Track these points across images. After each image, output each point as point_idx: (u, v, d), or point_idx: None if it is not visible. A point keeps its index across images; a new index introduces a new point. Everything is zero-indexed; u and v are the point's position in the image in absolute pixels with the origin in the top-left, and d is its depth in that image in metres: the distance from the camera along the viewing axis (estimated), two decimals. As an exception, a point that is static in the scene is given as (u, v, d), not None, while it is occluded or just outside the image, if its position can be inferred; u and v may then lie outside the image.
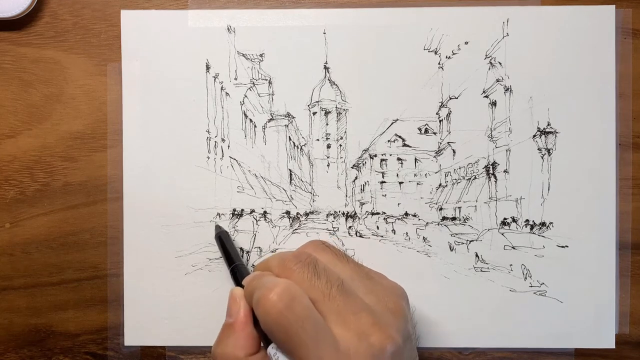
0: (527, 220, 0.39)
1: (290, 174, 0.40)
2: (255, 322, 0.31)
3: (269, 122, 0.40)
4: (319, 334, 0.27)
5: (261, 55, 0.40)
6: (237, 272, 0.36)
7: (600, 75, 0.39)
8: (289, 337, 0.27)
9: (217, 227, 0.39)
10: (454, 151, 0.40)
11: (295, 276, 0.30)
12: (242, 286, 0.33)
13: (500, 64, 0.39)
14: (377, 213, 0.40)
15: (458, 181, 0.40)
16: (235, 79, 0.40)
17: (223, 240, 0.38)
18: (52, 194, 0.40)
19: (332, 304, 0.29)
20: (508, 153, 0.40)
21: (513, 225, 0.40)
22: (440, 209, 0.40)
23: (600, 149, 0.39)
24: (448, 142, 0.40)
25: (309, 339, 0.27)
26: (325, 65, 0.40)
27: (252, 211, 0.40)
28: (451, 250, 0.40)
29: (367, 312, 0.29)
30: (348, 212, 0.40)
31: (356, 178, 0.41)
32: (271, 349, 0.29)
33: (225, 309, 0.39)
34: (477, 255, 0.40)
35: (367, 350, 0.27)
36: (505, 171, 0.40)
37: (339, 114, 0.40)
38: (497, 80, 0.40)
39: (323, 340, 0.27)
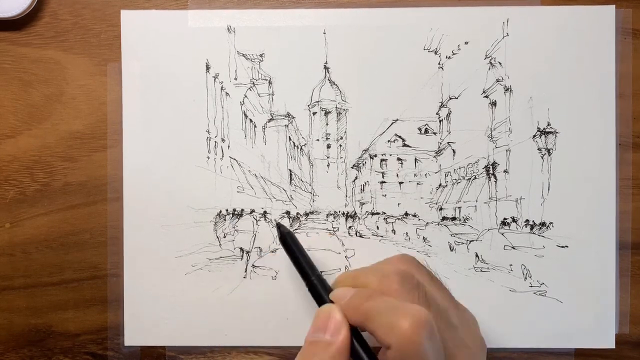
0: (527, 220, 0.39)
1: (290, 174, 0.40)
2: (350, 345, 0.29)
3: (269, 122, 0.40)
4: None
5: (261, 55, 0.40)
6: (319, 286, 0.33)
7: (600, 75, 0.39)
8: None
9: (280, 228, 0.36)
10: (454, 151, 0.40)
11: (403, 299, 0.29)
12: (329, 301, 0.31)
13: (500, 64, 0.39)
14: (377, 213, 0.40)
15: (458, 181, 0.40)
16: (235, 79, 0.40)
17: (289, 243, 0.35)
18: (52, 194, 0.40)
19: (446, 336, 0.29)
20: (508, 153, 0.40)
21: (513, 225, 0.40)
22: (440, 209, 0.40)
23: (600, 149, 0.39)
24: (448, 142, 0.40)
25: None
26: (325, 65, 0.40)
27: (252, 211, 0.40)
28: (451, 250, 0.40)
29: (467, 349, 0.29)
30: (348, 212, 0.40)
31: (356, 178, 0.41)
32: None
33: (227, 308, 0.39)
34: (477, 255, 0.40)
35: None
36: (505, 171, 0.40)
37: (339, 114, 0.40)
38: (497, 80, 0.40)
39: None
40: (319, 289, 0.32)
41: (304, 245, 0.40)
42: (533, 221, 0.39)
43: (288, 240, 0.35)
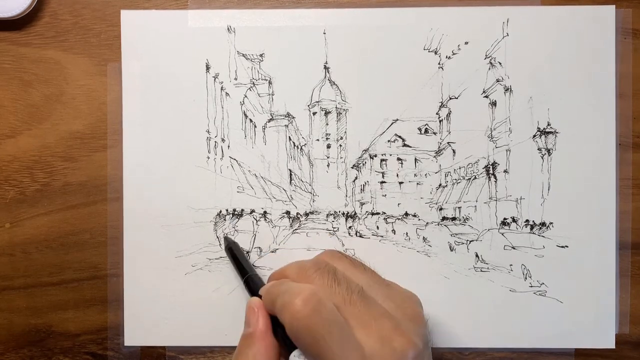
0: (527, 220, 0.39)
1: (290, 174, 0.40)
2: (275, 331, 0.31)
3: (269, 122, 0.40)
4: (344, 339, 0.28)
5: (261, 55, 0.40)
6: (251, 282, 0.36)
7: (600, 75, 0.39)
8: (316, 341, 0.27)
9: (226, 239, 0.39)
10: (454, 151, 0.40)
11: (315, 283, 0.30)
12: (258, 296, 0.33)
13: (500, 64, 0.39)
14: (377, 213, 0.40)
15: (458, 181, 0.40)
16: (235, 79, 0.40)
17: (234, 251, 0.38)
18: (52, 194, 0.40)
19: (354, 309, 0.29)
20: (508, 153, 0.40)
21: (513, 225, 0.40)
22: (440, 209, 0.40)
23: (600, 149, 0.39)
24: (448, 142, 0.40)
25: (335, 343, 0.27)
26: (325, 65, 0.40)
27: (252, 211, 0.40)
28: (451, 250, 0.40)
29: (388, 317, 0.29)
30: (348, 212, 0.40)
31: (356, 178, 0.41)
32: (294, 357, 0.29)
33: (227, 308, 0.39)
34: (477, 255, 0.40)
35: (391, 355, 0.28)
36: (505, 171, 0.40)
37: (339, 114, 0.40)
38: (497, 80, 0.40)
39: (348, 344, 0.28)
40: (251, 287, 0.36)
41: (304, 244, 0.40)
42: (533, 221, 0.39)
43: (231, 248, 0.39)
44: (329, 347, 0.27)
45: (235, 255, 0.38)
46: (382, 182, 0.40)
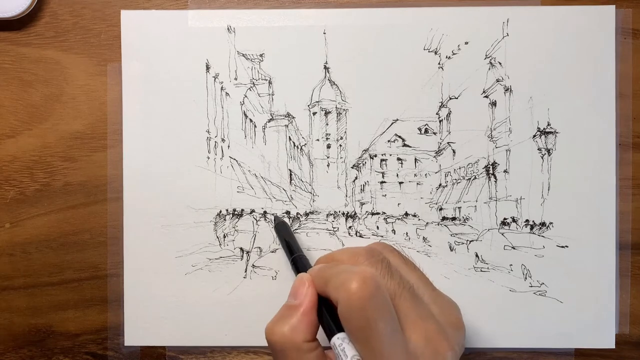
0: (527, 220, 0.39)
1: (290, 174, 0.40)
2: (319, 312, 0.31)
3: (269, 122, 0.40)
4: (394, 329, 0.28)
5: (261, 55, 0.40)
6: (299, 262, 0.36)
7: (600, 75, 0.39)
8: (367, 325, 0.27)
9: (276, 218, 0.39)
10: (454, 151, 0.40)
11: None
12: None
13: (500, 64, 0.39)
14: (377, 213, 0.40)
15: (458, 181, 0.40)
16: (235, 79, 0.40)
17: (282, 230, 0.38)
18: (52, 194, 0.40)
19: (403, 304, 0.29)
20: (508, 153, 0.40)
21: (513, 225, 0.40)
22: (440, 209, 0.40)
23: (600, 149, 0.39)
24: (448, 142, 0.40)
25: (385, 331, 0.27)
26: (325, 65, 0.40)
27: (252, 211, 0.40)
28: (451, 250, 0.40)
29: (434, 320, 0.30)
30: (348, 212, 0.40)
31: (356, 178, 0.41)
32: (337, 339, 0.29)
33: (227, 308, 0.39)
34: (477, 255, 0.40)
35: (432, 356, 0.28)
36: (505, 171, 0.40)
37: (339, 114, 0.40)
38: (497, 80, 0.40)
39: (395, 335, 0.27)
40: (298, 266, 0.36)
41: (304, 244, 0.40)
42: (533, 221, 0.39)
43: (280, 227, 0.39)
44: (379, 333, 0.27)
45: (284, 234, 0.38)
46: (382, 182, 0.40)
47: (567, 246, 0.39)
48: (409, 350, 0.27)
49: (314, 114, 0.40)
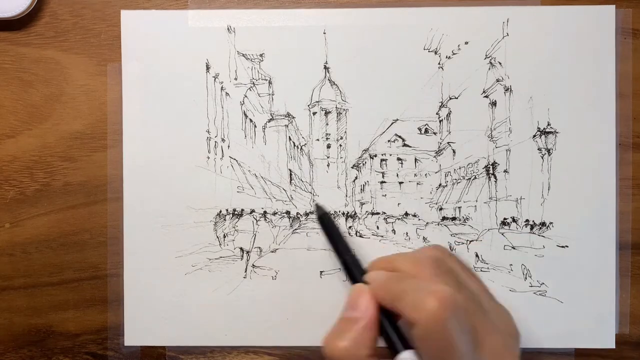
0: (527, 220, 0.39)
1: (290, 174, 0.40)
2: (381, 326, 0.30)
3: (269, 122, 0.40)
4: (472, 349, 0.27)
5: (261, 55, 0.40)
6: (352, 264, 0.34)
7: (600, 75, 0.39)
8: (448, 348, 0.26)
9: (318, 208, 0.38)
10: (454, 151, 0.40)
11: (438, 284, 0.29)
12: (362, 281, 0.32)
13: (500, 64, 0.39)
14: (377, 213, 0.40)
15: (458, 181, 0.40)
16: (235, 79, 0.40)
17: (327, 224, 0.37)
18: (52, 194, 0.40)
19: (476, 319, 0.28)
20: (508, 153, 0.40)
21: (513, 225, 0.40)
22: (440, 209, 0.40)
23: (600, 149, 0.39)
24: (448, 142, 0.40)
25: (464, 352, 0.26)
26: (325, 65, 0.40)
27: (252, 211, 0.40)
28: (451, 250, 0.40)
29: (499, 333, 0.29)
30: (348, 212, 0.40)
31: (356, 178, 0.41)
32: (407, 355, 0.28)
33: (227, 308, 0.39)
34: (477, 255, 0.40)
35: None
36: (505, 171, 0.40)
37: (339, 114, 0.40)
38: (497, 80, 0.40)
39: (473, 355, 0.27)
40: (352, 269, 0.34)
41: (304, 244, 0.40)
42: (533, 221, 0.39)
43: (325, 221, 0.37)
44: (459, 354, 0.26)
45: (330, 229, 0.36)
46: (382, 182, 0.40)
47: (567, 246, 0.39)
48: None
49: (314, 114, 0.40)
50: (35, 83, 0.40)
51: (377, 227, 0.40)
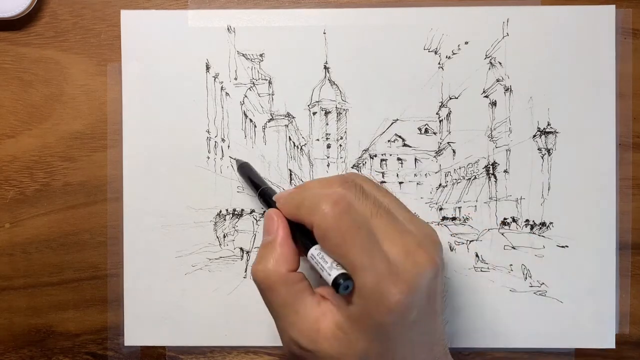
0: (527, 220, 0.39)
1: (290, 174, 0.40)
2: (294, 237, 0.31)
3: (269, 122, 0.40)
4: (371, 244, 0.28)
5: (261, 55, 0.40)
6: (266, 194, 0.36)
7: (600, 75, 0.39)
8: (344, 242, 0.27)
9: (237, 161, 0.39)
10: (454, 151, 0.40)
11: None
12: (273, 204, 0.33)
13: (500, 64, 0.39)
14: (377, 213, 0.40)
15: (458, 181, 0.40)
16: (235, 79, 0.40)
17: (246, 170, 0.38)
18: (52, 194, 0.40)
19: (380, 221, 0.29)
20: (508, 153, 0.40)
21: (513, 225, 0.40)
22: (440, 209, 0.40)
23: (600, 149, 0.39)
24: (448, 142, 0.40)
25: (362, 246, 0.27)
26: (325, 65, 0.40)
27: (252, 211, 0.40)
28: (451, 250, 0.40)
29: (412, 235, 0.29)
30: (348, 212, 0.40)
31: (356, 178, 0.40)
32: (314, 250, 0.29)
33: (227, 308, 0.39)
34: (477, 255, 0.40)
35: (413, 267, 0.28)
36: (505, 171, 0.40)
37: (339, 114, 0.40)
38: (497, 80, 0.40)
39: (374, 250, 0.27)
40: (267, 199, 0.35)
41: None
42: (533, 221, 0.39)
43: (244, 168, 0.39)
44: (356, 249, 0.27)
45: (248, 173, 0.38)
46: (382, 182, 0.40)
47: (567, 246, 0.39)
48: (390, 261, 0.27)
49: (314, 113, 0.40)
50: (35, 83, 0.40)
51: (377, 227, 0.40)
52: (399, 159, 0.40)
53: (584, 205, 0.39)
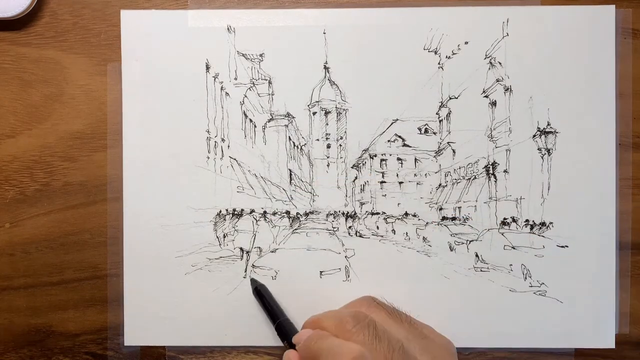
0: (527, 220, 0.39)
1: (290, 174, 0.40)
2: None
3: (269, 122, 0.40)
4: None
5: (261, 55, 0.40)
6: (283, 328, 0.37)
7: (600, 75, 0.39)
8: None
9: (253, 282, 0.39)
10: (454, 151, 0.40)
11: (356, 339, 0.31)
12: (291, 343, 0.34)
13: (500, 64, 0.39)
14: (377, 213, 0.40)
15: (458, 181, 0.40)
16: (235, 79, 0.40)
17: (262, 293, 0.39)
18: (52, 194, 0.40)
19: None
20: (508, 153, 0.40)
21: (513, 225, 0.40)
22: (440, 209, 0.40)
23: (600, 149, 0.39)
24: (448, 142, 0.40)
25: None
26: (325, 65, 0.40)
27: (252, 211, 0.40)
28: (451, 250, 0.40)
29: None
30: (348, 212, 0.40)
31: (356, 178, 0.41)
32: None
33: (227, 308, 0.39)
34: (477, 255, 0.40)
35: None
36: (505, 171, 0.40)
37: (339, 114, 0.40)
38: (497, 80, 0.40)
39: None
40: (283, 332, 0.36)
41: (304, 244, 0.40)
42: (533, 221, 0.39)
43: (261, 291, 0.39)
44: None
45: (264, 297, 0.39)
46: (382, 182, 0.41)
47: (567, 246, 0.39)
48: None
49: (314, 113, 0.40)
50: (35, 83, 0.40)
51: (377, 227, 0.40)
52: (399, 159, 0.40)
53: (584, 205, 0.39)
